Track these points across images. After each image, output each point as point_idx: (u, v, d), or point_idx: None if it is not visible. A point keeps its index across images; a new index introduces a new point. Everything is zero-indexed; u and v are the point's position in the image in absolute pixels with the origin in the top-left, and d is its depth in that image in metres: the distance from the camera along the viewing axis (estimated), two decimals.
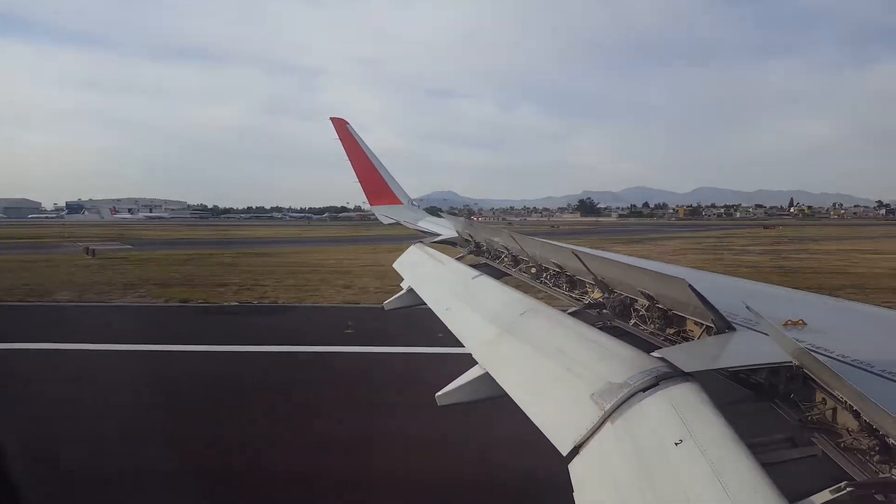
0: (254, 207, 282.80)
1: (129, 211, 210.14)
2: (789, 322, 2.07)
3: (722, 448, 1.25)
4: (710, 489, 1.15)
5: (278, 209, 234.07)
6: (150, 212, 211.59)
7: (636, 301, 2.55)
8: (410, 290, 5.19)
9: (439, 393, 2.63)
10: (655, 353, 1.81)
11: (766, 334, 1.72)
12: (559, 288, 3.56)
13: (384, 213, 9.41)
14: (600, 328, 2.42)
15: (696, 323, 2.13)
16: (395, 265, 6.20)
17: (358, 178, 9.63)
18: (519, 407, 2.03)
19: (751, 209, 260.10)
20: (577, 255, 3.03)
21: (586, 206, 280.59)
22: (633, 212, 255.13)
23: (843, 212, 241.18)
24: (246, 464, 7.22)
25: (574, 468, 1.53)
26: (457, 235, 6.65)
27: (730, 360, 1.74)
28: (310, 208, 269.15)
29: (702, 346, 2.00)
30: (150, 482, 6.69)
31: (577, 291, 3.34)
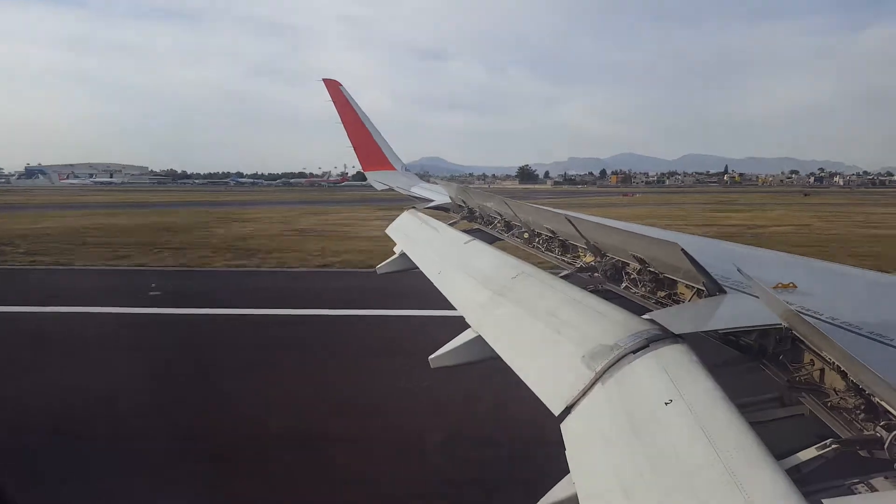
0: (220, 173, 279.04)
1: (91, 176, 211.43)
2: (780, 285, 2.08)
3: (711, 407, 1.26)
4: (699, 447, 1.16)
5: (241, 174, 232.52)
6: (111, 177, 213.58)
7: (628, 265, 2.55)
8: (403, 255, 5.19)
9: (432, 356, 2.65)
10: (646, 316, 1.81)
11: (757, 297, 1.73)
12: (551, 252, 3.55)
13: (377, 179, 9.22)
14: (591, 291, 2.42)
15: (687, 286, 2.13)
16: (387, 230, 6.17)
17: (351, 142, 9.34)
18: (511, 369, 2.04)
19: (680, 176, 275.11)
20: (569, 221, 3.01)
21: (525, 174, 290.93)
22: (567, 179, 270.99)
23: (770, 179, 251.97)
24: None
25: (566, 427, 1.55)
26: (450, 201, 6.60)
27: (720, 323, 1.75)
28: (269, 174, 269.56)
29: (692, 308, 2.01)
30: None
31: (569, 256, 3.33)
